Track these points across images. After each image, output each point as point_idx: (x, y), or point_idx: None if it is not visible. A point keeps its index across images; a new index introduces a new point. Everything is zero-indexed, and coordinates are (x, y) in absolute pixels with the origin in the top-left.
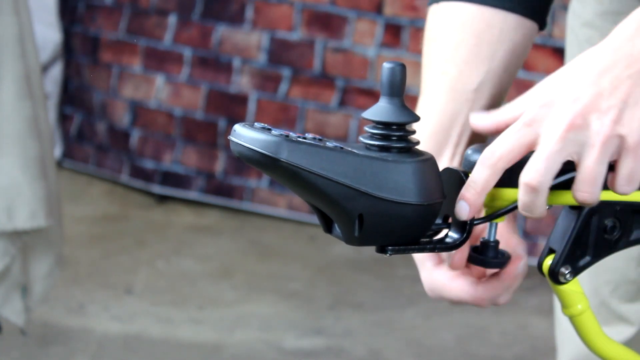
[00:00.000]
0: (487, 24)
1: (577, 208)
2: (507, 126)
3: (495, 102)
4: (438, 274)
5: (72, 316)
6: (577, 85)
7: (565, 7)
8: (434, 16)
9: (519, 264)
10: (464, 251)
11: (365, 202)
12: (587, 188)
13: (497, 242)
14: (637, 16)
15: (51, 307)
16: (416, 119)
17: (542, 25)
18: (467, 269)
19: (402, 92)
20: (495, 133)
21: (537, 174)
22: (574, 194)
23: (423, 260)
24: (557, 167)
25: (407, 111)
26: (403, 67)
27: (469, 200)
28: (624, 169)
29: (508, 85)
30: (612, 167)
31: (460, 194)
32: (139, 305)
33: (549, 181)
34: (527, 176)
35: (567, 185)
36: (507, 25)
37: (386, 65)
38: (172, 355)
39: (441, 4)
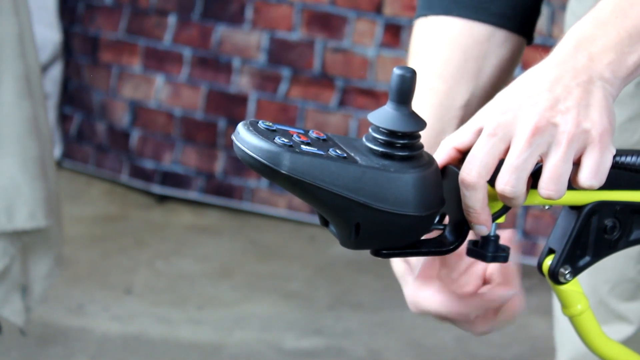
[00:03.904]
0: (475, 39)
1: (576, 208)
2: (471, 144)
3: None
4: (416, 287)
5: (72, 316)
6: (533, 93)
7: (564, 7)
8: (421, 30)
9: (502, 291)
10: (432, 264)
11: (363, 212)
12: (553, 186)
13: (497, 237)
14: (573, 34)
15: (51, 307)
16: (422, 127)
17: (529, 40)
18: (451, 285)
19: (410, 99)
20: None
21: (508, 185)
22: (540, 191)
23: (405, 276)
24: (527, 174)
25: (414, 120)
26: (414, 74)
27: (478, 221)
28: (589, 162)
29: None
30: (575, 165)
31: (468, 220)
32: (138, 306)
33: (522, 188)
34: (500, 187)
35: None
36: (495, 41)
37: (396, 71)
38: (171, 355)
39: (429, 18)
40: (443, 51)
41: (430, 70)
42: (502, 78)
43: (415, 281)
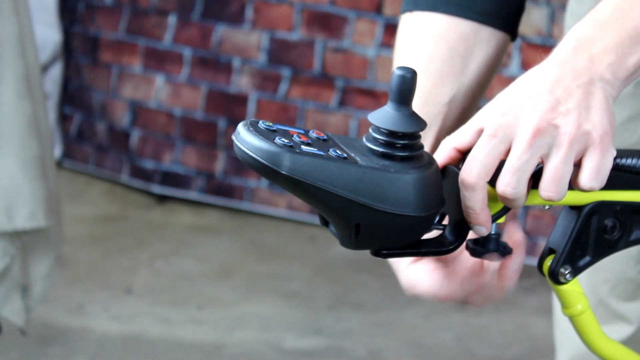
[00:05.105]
0: (461, 36)
1: (577, 208)
2: (471, 145)
3: (466, 115)
4: (412, 269)
5: (72, 316)
6: (533, 95)
7: (564, 7)
8: (407, 26)
9: (513, 261)
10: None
11: (363, 212)
12: (554, 187)
13: (498, 235)
14: (574, 35)
15: (51, 307)
16: (422, 127)
17: (513, 37)
18: (444, 264)
19: (411, 100)
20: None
21: (509, 187)
22: (541, 192)
23: (397, 260)
24: (527, 175)
25: (414, 120)
26: (414, 74)
27: (478, 222)
28: (590, 164)
29: (480, 97)
30: (576, 166)
31: (467, 220)
32: (138, 305)
33: (523, 190)
34: (500, 189)
35: None
36: (480, 38)
37: (397, 72)
38: (171, 355)
39: (414, 13)
40: (428, 47)
41: (416, 66)
42: (486, 75)
43: (411, 263)
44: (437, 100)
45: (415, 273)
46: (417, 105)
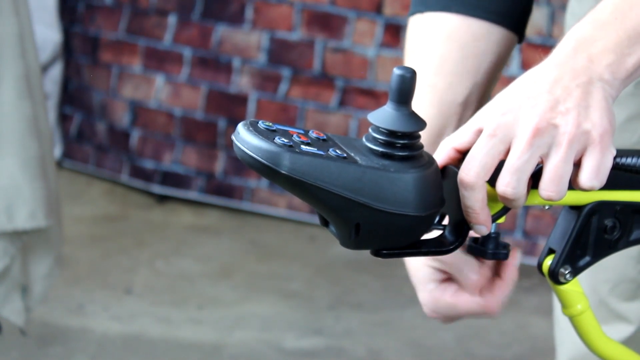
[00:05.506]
0: (473, 36)
1: (577, 208)
2: (471, 145)
3: None
4: (440, 292)
5: (72, 316)
6: (533, 94)
7: (564, 7)
8: (418, 27)
9: (517, 255)
10: (482, 270)
11: (363, 212)
12: (554, 187)
13: (497, 234)
14: (573, 35)
15: (51, 307)
16: (422, 127)
17: (521, 39)
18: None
19: (410, 99)
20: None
21: (509, 187)
22: (541, 192)
23: (425, 282)
24: (527, 175)
25: (414, 120)
26: (414, 74)
27: (478, 221)
28: (590, 163)
29: (489, 97)
30: (576, 166)
31: (467, 220)
32: (138, 306)
33: (523, 190)
34: (501, 189)
35: None
36: (492, 38)
37: (396, 72)
38: (171, 355)
39: (425, 14)
40: (441, 47)
41: (429, 66)
42: (496, 76)
43: (440, 286)
44: (453, 99)
45: (446, 295)
46: (433, 105)
